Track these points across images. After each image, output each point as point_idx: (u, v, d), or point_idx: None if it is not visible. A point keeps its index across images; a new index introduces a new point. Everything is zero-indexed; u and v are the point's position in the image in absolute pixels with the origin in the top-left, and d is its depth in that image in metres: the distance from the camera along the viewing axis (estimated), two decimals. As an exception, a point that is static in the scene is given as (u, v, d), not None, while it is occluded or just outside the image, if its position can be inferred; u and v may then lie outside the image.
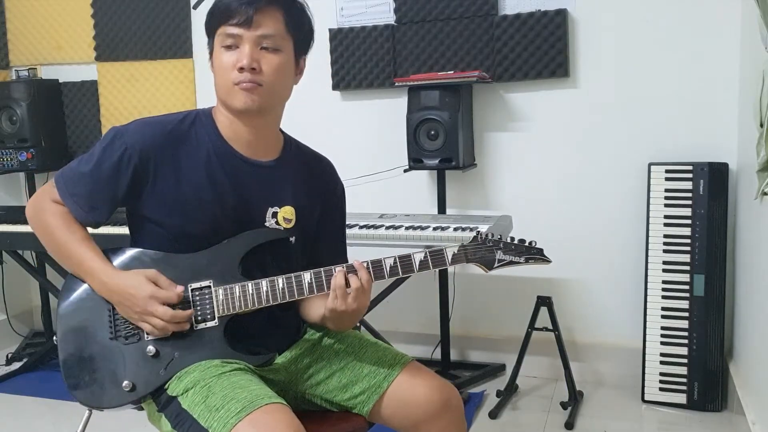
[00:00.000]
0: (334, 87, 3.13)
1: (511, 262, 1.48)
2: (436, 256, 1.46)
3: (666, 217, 2.67)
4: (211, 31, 1.49)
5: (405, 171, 2.91)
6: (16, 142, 3.33)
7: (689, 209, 2.64)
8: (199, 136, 1.50)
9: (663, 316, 2.67)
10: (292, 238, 1.56)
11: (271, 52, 1.44)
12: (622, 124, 2.80)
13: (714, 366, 2.61)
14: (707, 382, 2.62)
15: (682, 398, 2.65)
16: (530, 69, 2.84)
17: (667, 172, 2.68)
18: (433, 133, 2.80)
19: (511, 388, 2.79)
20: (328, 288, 1.44)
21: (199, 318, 1.45)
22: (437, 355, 3.01)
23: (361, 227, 2.58)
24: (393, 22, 3.02)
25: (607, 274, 2.89)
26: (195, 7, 3.31)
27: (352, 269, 1.44)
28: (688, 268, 2.63)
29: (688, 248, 2.63)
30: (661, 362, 2.67)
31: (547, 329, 2.70)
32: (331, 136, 3.14)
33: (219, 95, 1.49)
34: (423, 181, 3.07)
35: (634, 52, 2.76)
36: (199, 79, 3.38)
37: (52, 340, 1.66)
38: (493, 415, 2.65)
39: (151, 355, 1.43)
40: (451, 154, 2.78)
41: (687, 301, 2.63)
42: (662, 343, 2.67)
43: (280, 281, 1.45)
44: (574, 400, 2.67)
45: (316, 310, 1.55)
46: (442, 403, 1.49)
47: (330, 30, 3.10)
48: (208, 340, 1.44)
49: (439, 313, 2.95)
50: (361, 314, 1.48)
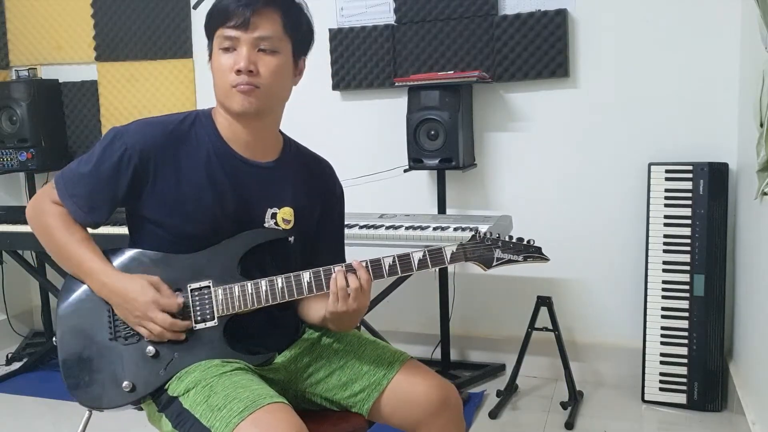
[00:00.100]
0: (334, 87, 3.13)
1: (510, 261, 1.48)
2: (435, 255, 1.46)
3: (666, 217, 2.67)
4: (210, 33, 1.49)
5: (405, 171, 2.91)
6: (16, 142, 3.33)
7: (689, 209, 2.64)
8: (199, 136, 1.50)
9: (663, 316, 2.67)
10: (291, 238, 1.56)
11: (268, 54, 1.44)
12: (622, 124, 2.80)
13: (714, 366, 2.61)
14: (707, 382, 2.62)
15: (682, 398, 2.65)
16: (530, 69, 2.84)
17: (667, 172, 2.68)
18: (433, 133, 2.80)
19: (511, 388, 2.79)
20: (327, 287, 1.44)
21: (199, 318, 1.45)
22: (437, 355, 3.01)
23: (361, 227, 2.58)
24: (393, 22, 3.02)
25: (607, 274, 2.89)
26: (195, 7, 3.31)
27: (351, 269, 1.44)
28: (688, 268, 2.63)
29: (688, 248, 2.63)
30: (661, 362, 2.67)
31: (547, 329, 2.70)
32: (331, 136, 3.14)
33: (218, 97, 1.49)
34: (423, 181, 3.07)
35: (634, 52, 2.76)
36: (199, 79, 3.38)
37: (51, 341, 1.65)
38: (493, 415, 2.65)
39: (151, 355, 1.43)
40: (451, 154, 2.78)
41: (687, 301, 2.63)
42: (662, 343, 2.67)
43: (279, 281, 1.45)
44: (574, 400, 2.67)
45: (316, 311, 1.55)
46: (441, 401, 1.49)
47: (330, 30, 3.10)
48: (208, 340, 1.45)
49: (439, 313, 2.95)
50: (362, 314, 1.49)
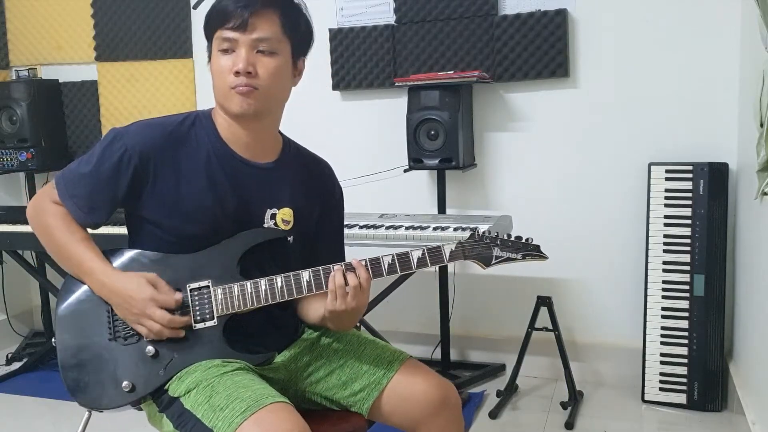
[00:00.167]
0: (334, 87, 3.13)
1: (509, 259, 1.48)
2: (434, 254, 1.46)
3: (666, 217, 2.67)
4: (209, 35, 1.49)
5: (405, 171, 2.91)
6: (16, 142, 3.33)
7: (689, 209, 2.64)
8: (199, 137, 1.50)
9: (663, 316, 2.67)
10: (290, 238, 1.56)
11: (267, 55, 1.44)
12: (622, 124, 2.80)
13: (714, 366, 2.61)
14: (707, 382, 2.62)
15: (682, 398, 2.65)
16: (530, 69, 2.84)
17: (667, 172, 2.68)
18: (433, 133, 2.80)
19: (511, 388, 2.79)
20: (327, 286, 1.44)
21: (198, 318, 1.45)
22: (437, 355, 3.01)
23: (361, 227, 2.58)
24: (393, 22, 3.02)
25: (607, 274, 2.89)
26: (195, 7, 3.31)
27: (350, 267, 1.44)
28: (688, 268, 2.63)
29: (688, 248, 2.63)
30: (661, 362, 2.67)
31: (547, 329, 2.70)
32: (331, 137, 3.14)
33: (217, 98, 1.49)
34: (423, 181, 3.07)
35: (634, 52, 2.76)
36: (199, 79, 3.38)
37: (51, 341, 1.65)
38: (493, 415, 2.65)
39: (151, 355, 1.43)
40: (451, 154, 2.78)
41: (687, 301, 2.63)
42: (662, 343, 2.67)
43: (279, 280, 1.45)
44: (574, 400, 2.67)
45: (315, 311, 1.55)
46: (441, 400, 1.49)
47: (330, 30, 3.10)
48: (208, 340, 1.44)
49: (439, 313, 2.95)
50: (361, 313, 1.49)
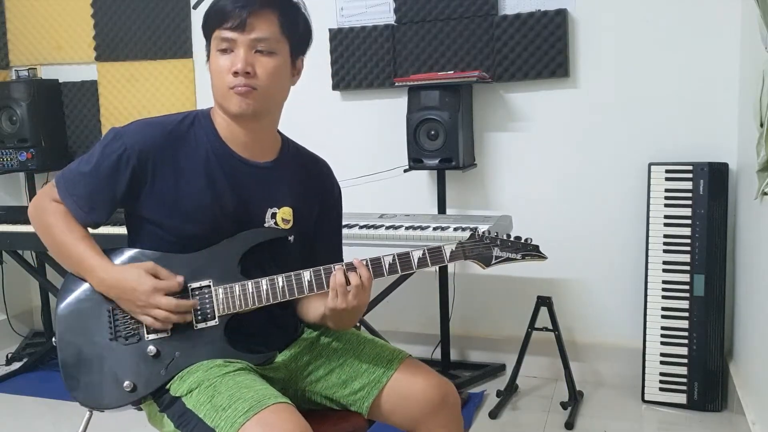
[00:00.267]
0: (334, 87, 3.13)
1: (508, 259, 1.49)
2: (435, 254, 1.47)
3: (666, 217, 2.67)
4: (207, 34, 1.49)
5: (405, 171, 2.91)
6: (16, 142, 3.33)
7: (689, 209, 2.64)
8: (198, 137, 1.50)
9: (663, 316, 2.67)
10: (291, 238, 1.56)
11: (265, 55, 1.44)
12: (622, 124, 2.80)
13: (714, 366, 2.61)
14: (707, 382, 2.62)
15: (682, 398, 2.65)
16: (530, 69, 2.84)
17: (667, 172, 2.68)
18: (433, 133, 2.80)
19: (511, 388, 2.79)
20: (328, 286, 1.44)
21: (200, 317, 1.45)
22: (437, 355, 3.01)
23: (361, 227, 2.58)
24: (393, 22, 3.02)
25: (607, 274, 2.89)
26: (195, 7, 3.31)
27: (351, 267, 1.44)
28: (688, 268, 2.63)
29: (688, 248, 2.63)
30: (661, 362, 2.67)
31: (547, 329, 2.70)
32: (331, 136, 3.14)
33: (215, 98, 1.49)
34: (423, 181, 3.07)
35: (634, 52, 2.76)
36: (199, 79, 3.38)
37: (51, 341, 1.65)
38: (493, 415, 2.65)
39: (152, 355, 1.43)
40: (451, 154, 2.78)
41: (687, 301, 2.63)
42: (662, 343, 2.67)
43: (280, 280, 1.45)
44: (574, 400, 2.67)
45: (315, 309, 1.55)
46: (440, 399, 1.49)
47: (330, 30, 3.10)
48: (209, 340, 1.45)
49: (439, 313, 2.95)
50: (361, 312, 1.49)
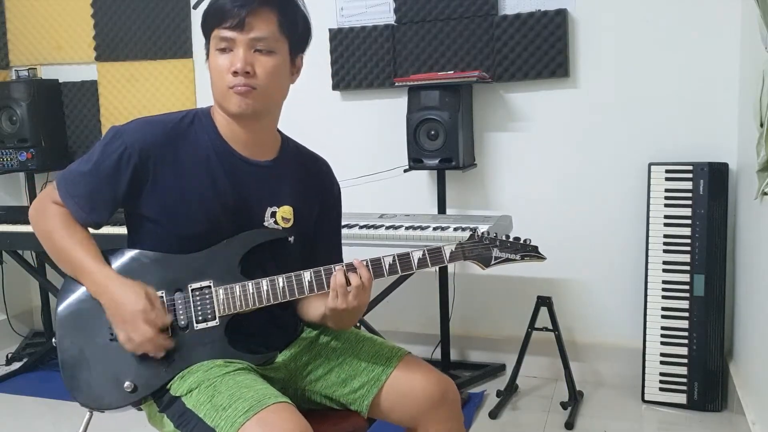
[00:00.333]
0: (334, 87, 3.13)
1: (508, 260, 1.50)
2: (434, 254, 1.47)
3: (666, 217, 2.67)
4: (206, 33, 1.49)
5: (405, 171, 2.91)
6: (16, 142, 3.33)
7: (689, 209, 2.64)
8: (199, 135, 1.50)
9: (663, 316, 2.67)
10: (291, 238, 1.56)
11: (265, 54, 1.43)
12: (622, 124, 2.80)
13: (714, 366, 2.61)
14: (707, 382, 2.62)
15: (682, 398, 2.65)
16: (530, 69, 2.84)
17: (667, 172, 2.68)
18: (433, 133, 2.80)
19: (511, 388, 2.79)
20: (329, 286, 1.44)
21: (200, 318, 1.45)
22: (437, 355, 3.01)
23: (361, 227, 2.58)
24: (393, 22, 3.02)
25: (607, 274, 2.89)
26: (195, 7, 3.31)
27: (351, 267, 1.45)
28: (688, 268, 2.63)
29: (688, 248, 2.63)
30: (661, 362, 2.67)
31: (547, 329, 2.70)
32: (331, 136, 3.14)
33: (215, 97, 1.49)
34: (423, 181, 3.07)
35: (634, 52, 2.76)
36: (199, 79, 3.38)
37: (51, 341, 1.65)
38: (493, 415, 2.65)
39: (153, 355, 1.42)
40: (451, 154, 2.78)
41: (687, 301, 2.63)
42: (662, 343, 2.67)
43: (281, 280, 1.45)
44: (574, 400, 2.67)
45: (316, 309, 1.55)
46: (440, 396, 1.50)
47: (330, 30, 3.10)
48: (210, 340, 1.44)
49: (439, 313, 2.95)
50: (361, 312, 1.49)
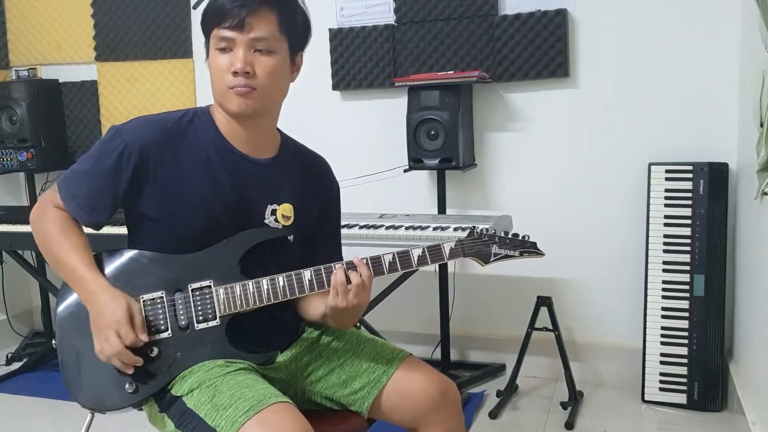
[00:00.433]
0: (334, 87, 3.13)
1: (507, 256, 1.51)
2: (434, 251, 1.47)
3: (666, 217, 2.67)
4: (206, 32, 1.48)
5: (405, 171, 2.91)
6: (16, 142, 3.33)
7: (689, 209, 2.64)
8: (199, 133, 1.50)
9: (663, 316, 2.67)
10: (291, 237, 1.56)
11: (264, 54, 1.43)
12: (622, 124, 2.81)
13: (714, 366, 2.61)
14: (707, 382, 2.62)
15: (682, 398, 2.65)
16: (530, 69, 2.84)
17: (667, 172, 2.68)
18: (433, 133, 2.80)
19: (511, 388, 2.79)
20: (329, 285, 1.44)
21: (201, 318, 1.45)
22: (437, 355, 3.01)
23: (361, 227, 2.58)
24: (393, 22, 3.02)
25: (607, 274, 2.89)
26: (195, 7, 3.31)
27: (352, 266, 1.45)
28: (688, 268, 2.63)
29: (688, 248, 2.63)
30: (661, 362, 2.67)
31: (547, 329, 2.70)
32: (331, 136, 3.14)
33: (215, 97, 1.49)
34: (423, 181, 3.07)
35: (634, 52, 2.76)
36: (199, 79, 3.38)
37: (51, 342, 1.65)
38: (493, 415, 2.65)
39: (153, 355, 1.42)
40: (451, 154, 2.78)
41: (687, 301, 2.63)
42: (662, 343, 2.67)
43: (281, 279, 1.45)
44: (574, 400, 2.67)
45: (316, 308, 1.55)
46: (441, 397, 1.50)
47: (330, 30, 3.10)
48: (210, 340, 1.44)
49: (439, 313, 2.95)
50: (362, 311, 1.49)
